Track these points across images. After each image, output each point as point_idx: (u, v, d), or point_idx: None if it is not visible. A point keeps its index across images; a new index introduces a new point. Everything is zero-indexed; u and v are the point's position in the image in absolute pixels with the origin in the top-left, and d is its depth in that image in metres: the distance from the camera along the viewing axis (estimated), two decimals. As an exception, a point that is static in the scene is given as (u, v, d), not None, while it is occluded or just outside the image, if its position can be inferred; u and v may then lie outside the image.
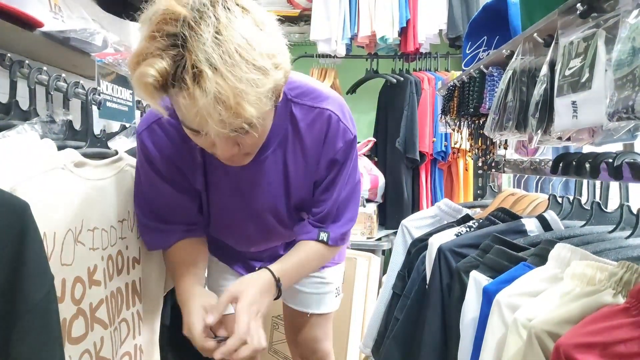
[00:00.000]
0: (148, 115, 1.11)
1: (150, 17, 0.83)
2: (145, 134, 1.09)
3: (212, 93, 0.79)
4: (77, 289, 0.99)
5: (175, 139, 1.09)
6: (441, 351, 1.09)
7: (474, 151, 1.60)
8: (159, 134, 1.08)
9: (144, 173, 1.14)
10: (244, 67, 0.80)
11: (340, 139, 1.12)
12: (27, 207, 0.72)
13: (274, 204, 1.19)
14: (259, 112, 0.84)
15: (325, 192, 1.17)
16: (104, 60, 1.31)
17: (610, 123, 0.62)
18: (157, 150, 1.09)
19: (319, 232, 1.17)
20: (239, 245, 1.37)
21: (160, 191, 1.15)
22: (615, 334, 0.58)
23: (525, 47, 0.98)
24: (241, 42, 0.81)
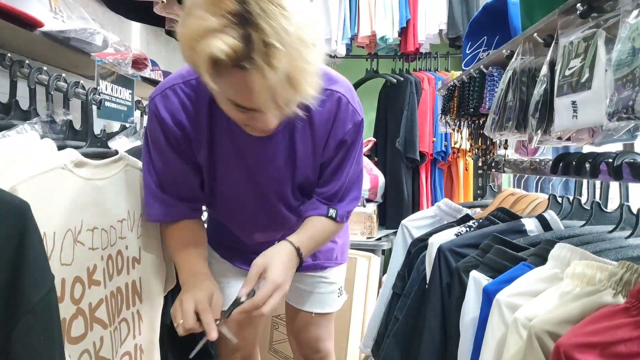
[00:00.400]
0: (162, 83, 1.12)
1: None
2: (159, 98, 1.09)
3: (284, 72, 0.80)
4: (76, 289, 0.99)
5: (187, 108, 1.10)
6: (441, 351, 1.09)
7: (474, 151, 1.60)
8: (172, 100, 1.09)
9: (153, 139, 1.13)
10: (310, 45, 0.82)
11: (350, 121, 1.14)
12: (28, 207, 0.72)
13: (278, 182, 1.21)
14: (315, 92, 0.87)
15: (334, 173, 1.20)
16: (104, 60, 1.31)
17: (610, 123, 0.62)
18: (169, 115, 1.09)
19: (328, 209, 1.21)
20: (242, 229, 1.36)
21: (166, 158, 1.14)
22: (616, 333, 0.58)
23: (525, 47, 0.98)
24: (304, 20, 0.82)
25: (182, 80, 1.09)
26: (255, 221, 1.31)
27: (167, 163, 1.15)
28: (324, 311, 1.51)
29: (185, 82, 1.08)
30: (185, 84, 1.08)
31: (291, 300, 1.54)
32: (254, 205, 1.25)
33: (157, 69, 1.92)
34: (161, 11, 1.82)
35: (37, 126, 1.01)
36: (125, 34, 2.04)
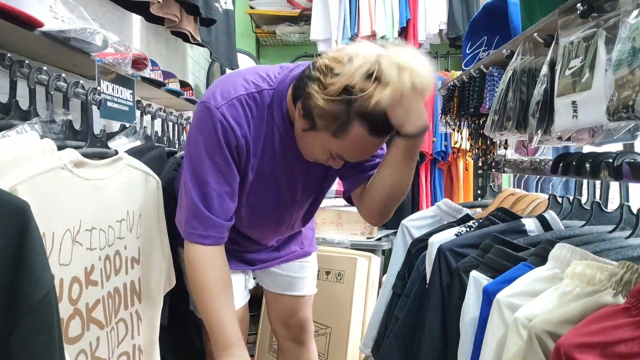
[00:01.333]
0: (223, 91, 1.14)
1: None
2: (227, 108, 1.11)
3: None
4: (74, 289, 0.99)
5: (249, 120, 1.15)
6: (441, 351, 1.08)
7: (474, 151, 1.60)
8: (239, 110, 1.13)
9: (211, 149, 1.13)
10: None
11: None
12: (28, 207, 0.72)
13: (309, 191, 1.33)
14: None
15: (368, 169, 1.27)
16: (104, 60, 1.31)
17: (611, 123, 0.62)
18: (237, 125, 1.12)
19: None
20: (250, 233, 1.40)
21: (220, 170, 1.14)
22: (616, 333, 0.58)
23: (525, 47, 0.98)
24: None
25: (245, 91, 1.14)
26: (267, 227, 1.39)
27: (220, 175, 1.15)
28: (312, 292, 1.66)
29: (248, 94, 1.14)
30: (248, 95, 1.14)
31: (281, 289, 1.62)
32: (272, 213, 1.33)
33: (157, 69, 1.92)
34: (157, 11, 1.81)
35: (37, 126, 1.01)
36: (125, 33, 2.04)
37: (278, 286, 1.62)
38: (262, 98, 1.14)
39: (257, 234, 1.42)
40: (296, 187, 1.29)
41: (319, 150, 1.10)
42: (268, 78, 1.17)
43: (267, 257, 1.52)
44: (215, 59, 2.60)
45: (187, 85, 2.43)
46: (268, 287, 1.65)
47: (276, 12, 3.31)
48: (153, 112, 1.84)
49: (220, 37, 2.52)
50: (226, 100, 1.12)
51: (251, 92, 1.14)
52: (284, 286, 1.61)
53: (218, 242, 1.20)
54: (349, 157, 1.09)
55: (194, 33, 2.11)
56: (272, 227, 1.40)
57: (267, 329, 2.41)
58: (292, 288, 1.61)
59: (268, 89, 1.15)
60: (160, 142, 1.80)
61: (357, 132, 1.02)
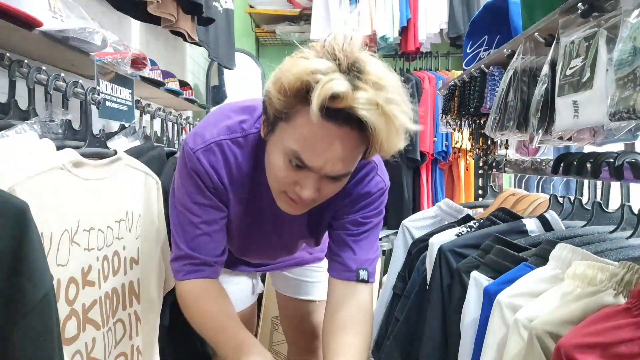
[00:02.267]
0: (204, 133, 1.07)
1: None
2: (202, 153, 1.05)
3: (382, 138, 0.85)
4: (71, 290, 0.99)
5: (230, 166, 1.07)
6: (442, 352, 1.08)
7: (474, 151, 1.59)
8: (217, 156, 1.06)
9: (188, 192, 1.09)
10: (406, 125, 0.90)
11: (374, 188, 1.13)
12: (27, 207, 0.72)
13: (303, 233, 1.24)
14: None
15: (360, 233, 1.15)
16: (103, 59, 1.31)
17: (612, 123, 0.62)
18: (213, 171, 1.06)
19: (358, 270, 1.13)
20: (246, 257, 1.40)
21: (203, 210, 1.10)
22: (617, 334, 0.58)
23: (526, 46, 0.98)
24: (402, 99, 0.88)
25: (227, 135, 1.05)
26: (267, 254, 1.36)
27: (207, 213, 1.10)
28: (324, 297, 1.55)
29: (232, 139, 1.05)
30: (232, 140, 1.05)
31: (291, 292, 1.58)
32: (272, 244, 1.28)
33: (156, 69, 1.92)
34: (155, 11, 1.81)
35: (36, 126, 1.01)
36: (124, 33, 2.03)
37: (288, 289, 1.59)
38: (247, 142, 1.06)
39: (252, 259, 1.41)
40: (293, 230, 1.22)
41: (279, 158, 0.94)
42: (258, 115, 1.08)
43: (274, 262, 1.50)
44: (214, 59, 2.59)
45: (186, 84, 2.43)
46: (279, 289, 1.63)
47: (276, 12, 3.31)
48: (152, 111, 1.83)
49: (220, 36, 2.52)
50: (204, 144, 1.05)
51: (234, 137, 1.05)
52: (295, 289, 1.57)
53: (210, 276, 1.14)
54: (305, 152, 0.90)
55: (191, 33, 2.11)
56: (262, 256, 1.38)
57: (267, 328, 2.41)
58: (302, 292, 1.57)
59: (255, 133, 1.06)
60: (160, 142, 1.80)
61: (303, 109, 0.87)
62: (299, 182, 0.94)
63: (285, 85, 0.85)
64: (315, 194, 0.95)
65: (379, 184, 1.12)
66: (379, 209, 1.15)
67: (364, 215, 1.13)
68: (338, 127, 0.85)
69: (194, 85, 2.95)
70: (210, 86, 3.26)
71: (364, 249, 1.14)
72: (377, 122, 0.83)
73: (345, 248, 1.14)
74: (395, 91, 0.85)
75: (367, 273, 1.13)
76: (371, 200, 1.13)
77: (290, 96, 0.86)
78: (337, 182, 0.95)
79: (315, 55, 0.86)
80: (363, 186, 1.11)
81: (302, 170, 0.91)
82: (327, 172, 0.91)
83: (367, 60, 0.85)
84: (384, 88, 0.83)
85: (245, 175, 1.08)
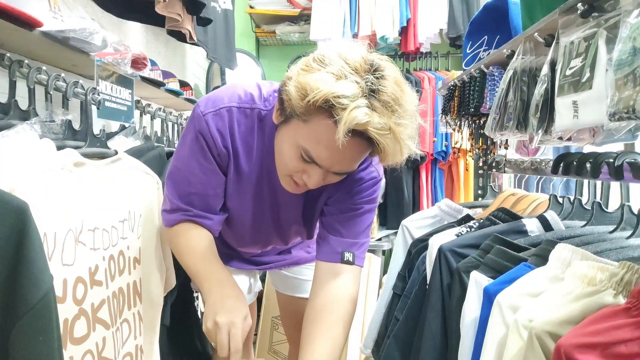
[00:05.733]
0: (216, 99, 1.12)
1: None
2: (212, 116, 1.10)
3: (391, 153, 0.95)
4: (78, 289, 0.99)
5: (235, 134, 1.12)
6: (441, 352, 1.08)
7: (474, 151, 1.60)
8: (225, 121, 1.10)
9: (191, 152, 1.13)
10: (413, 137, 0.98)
11: (367, 177, 1.18)
12: (27, 207, 0.72)
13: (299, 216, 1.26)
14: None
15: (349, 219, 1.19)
16: (103, 59, 1.31)
17: (611, 123, 0.62)
18: (219, 135, 1.10)
19: (342, 253, 1.17)
20: (242, 242, 1.39)
21: (204, 170, 1.13)
22: (616, 334, 0.58)
23: (525, 46, 0.98)
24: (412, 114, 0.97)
25: (237, 103, 1.11)
26: (261, 239, 1.35)
27: (203, 177, 1.14)
28: None
29: (240, 107, 1.10)
30: (239, 109, 1.10)
31: (291, 291, 1.59)
32: (266, 225, 1.28)
33: (156, 69, 1.92)
34: (162, 10, 1.81)
35: (36, 126, 1.01)
36: (124, 33, 2.04)
37: (287, 287, 1.60)
38: (253, 115, 1.11)
39: (243, 246, 1.40)
40: (277, 207, 1.24)
41: (290, 149, 0.99)
42: (269, 96, 1.13)
43: (270, 259, 1.50)
44: (213, 59, 2.59)
45: (186, 85, 2.43)
46: (279, 288, 1.64)
47: (276, 12, 3.31)
48: (152, 112, 1.84)
49: (219, 37, 2.51)
50: (215, 108, 1.10)
51: (243, 107, 1.11)
52: (294, 288, 1.58)
53: (203, 224, 1.17)
54: (318, 154, 0.97)
55: (192, 33, 2.11)
56: (256, 241, 1.37)
57: (267, 328, 2.41)
58: (301, 290, 1.57)
59: (263, 109, 1.11)
60: (160, 142, 1.80)
61: (322, 118, 0.93)
62: (307, 172, 1.01)
63: (309, 99, 0.91)
64: (321, 182, 1.03)
65: (372, 173, 1.18)
66: (371, 197, 1.19)
67: (355, 201, 1.17)
68: (351, 138, 0.91)
69: (194, 86, 2.95)
70: (212, 87, 3.26)
71: (352, 232, 1.18)
72: (387, 145, 0.92)
73: (333, 231, 1.18)
74: (406, 113, 0.93)
75: (352, 255, 1.17)
76: (363, 187, 1.17)
77: (312, 106, 0.92)
78: (341, 176, 1.04)
79: (343, 71, 0.91)
80: (356, 173, 1.16)
81: (311, 163, 0.99)
82: (335, 170, 1.00)
83: (385, 73, 0.92)
84: (397, 111, 0.92)
85: (247, 146, 1.13)
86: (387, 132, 0.90)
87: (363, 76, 0.90)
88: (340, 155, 0.95)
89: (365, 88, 0.90)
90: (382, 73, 0.91)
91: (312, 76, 0.91)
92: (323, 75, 0.91)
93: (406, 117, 0.93)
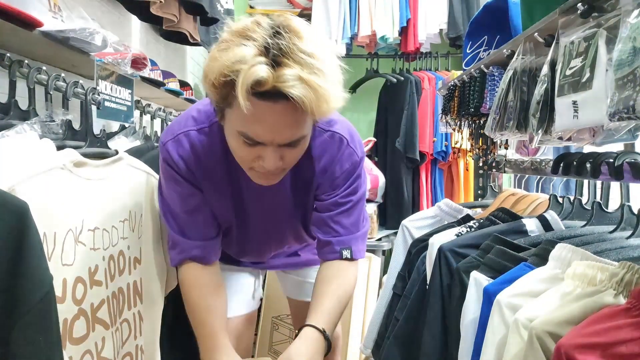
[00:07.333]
0: (173, 126, 1.15)
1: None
2: (171, 144, 1.12)
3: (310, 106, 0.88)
4: (78, 289, 0.99)
5: (199, 155, 1.13)
6: (441, 352, 1.08)
7: (474, 151, 1.60)
8: (185, 145, 1.12)
9: (168, 181, 1.16)
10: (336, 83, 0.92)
11: (347, 161, 1.17)
12: (27, 207, 0.72)
13: (290, 222, 1.27)
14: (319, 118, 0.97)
15: (340, 213, 1.20)
16: (103, 60, 1.31)
17: (611, 123, 0.62)
18: (182, 160, 1.12)
19: (340, 250, 1.20)
20: (241, 256, 1.41)
21: (184, 195, 1.16)
22: (617, 334, 0.58)
23: (525, 46, 0.98)
24: (329, 61, 0.92)
25: (195, 126, 1.12)
26: (260, 248, 1.37)
27: (185, 200, 1.16)
28: None
29: (199, 129, 1.12)
30: (198, 130, 1.12)
31: (302, 295, 1.57)
32: (259, 234, 1.30)
33: (156, 69, 1.92)
34: (157, 11, 1.81)
35: (36, 126, 1.01)
36: (124, 33, 2.03)
37: (299, 292, 1.58)
38: (212, 131, 1.12)
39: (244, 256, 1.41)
40: (278, 219, 1.26)
41: (235, 140, 0.98)
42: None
43: (279, 262, 1.49)
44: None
45: (186, 85, 2.43)
46: (290, 294, 1.62)
47: (276, 12, 3.30)
48: (152, 112, 1.84)
49: (222, 36, 2.51)
50: (173, 135, 1.12)
51: (200, 127, 1.12)
52: (305, 292, 1.55)
53: (202, 255, 1.19)
54: (252, 131, 0.95)
55: (193, 33, 2.11)
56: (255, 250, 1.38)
57: (267, 328, 2.41)
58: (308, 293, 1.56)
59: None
60: (160, 142, 1.80)
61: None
62: (260, 155, 0.98)
63: (213, 81, 0.90)
64: (279, 162, 0.99)
65: (352, 156, 1.17)
66: (355, 184, 1.19)
67: (343, 195, 1.18)
68: (273, 103, 0.89)
69: (194, 86, 2.95)
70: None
71: (347, 228, 1.20)
72: (304, 97, 0.86)
73: (328, 230, 1.20)
74: (319, 61, 0.88)
75: (350, 251, 1.20)
76: (347, 173, 1.17)
77: (220, 88, 0.90)
78: (296, 147, 1.00)
79: (235, 43, 0.88)
80: (337, 161, 1.16)
81: (257, 145, 0.96)
82: (279, 142, 0.96)
83: (287, 27, 0.89)
84: (306, 61, 0.87)
85: (217, 161, 1.13)
86: (298, 83, 0.86)
87: (259, 39, 0.87)
88: (275, 125, 0.93)
89: (262, 48, 0.86)
90: (284, 29, 0.88)
91: (210, 62, 0.91)
92: (216, 54, 0.90)
93: (320, 64, 0.88)
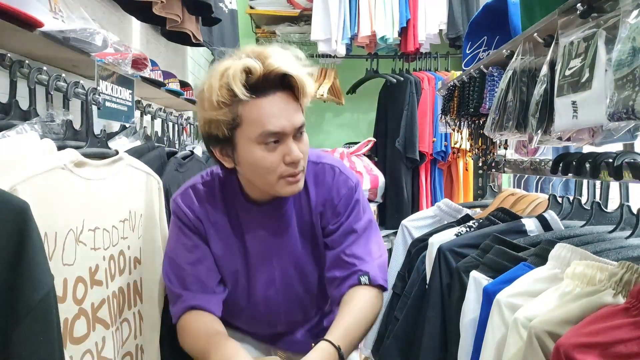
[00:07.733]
0: (183, 185, 1.25)
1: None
2: (180, 197, 1.22)
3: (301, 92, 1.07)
4: (78, 289, 0.99)
5: (204, 203, 1.21)
6: (441, 351, 1.08)
7: (474, 151, 1.60)
8: (191, 196, 1.21)
9: (174, 236, 1.22)
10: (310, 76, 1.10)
11: (343, 187, 1.21)
12: (27, 207, 0.72)
13: (300, 267, 1.24)
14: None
15: (345, 235, 1.20)
16: (103, 60, 1.31)
17: (611, 123, 0.62)
18: (189, 209, 1.20)
19: (358, 277, 1.16)
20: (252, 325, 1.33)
21: (191, 247, 1.20)
22: (616, 334, 0.58)
23: (525, 47, 0.98)
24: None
25: (201, 179, 1.23)
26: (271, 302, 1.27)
27: (190, 251, 1.20)
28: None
29: (204, 182, 1.22)
30: (203, 183, 1.22)
31: None
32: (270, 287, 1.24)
33: (156, 69, 1.92)
34: (160, 11, 1.81)
35: (37, 126, 1.01)
36: (125, 33, 2.04)
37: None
38: (214, 180, 1.22)
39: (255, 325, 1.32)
40: (288, 262, 1.22)
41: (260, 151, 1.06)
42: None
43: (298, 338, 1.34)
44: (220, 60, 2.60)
45: (187, 85, 2.43)
46: None
47: (276, 12, 3.31)
48: (153, 112, 1.84)
49: (226, 37, 2.52)
50: (181, 190, 1.23)
51: (205, 180, 1.22)
52: None
53: (205, 309, 1.17)
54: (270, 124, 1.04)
55: (196, 33, 2.11)
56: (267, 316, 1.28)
57: None
58: None
59: (220, 173, 1.21)
60: (160, 142, 1.80)
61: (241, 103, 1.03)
62: (285, 152, 1.06)
63: (215, 102, 1.01)
64: (300, 153, 1.07)
65: (347, 181, 1.22)
66: (357, 209, 1.21)
67: (348, 222, 1.19)
68: (273, 95, 1.04)
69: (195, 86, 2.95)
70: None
71: (361, 258, 1.17)
72: (294, 70, 1.04)
73: (343, 264, 1.18)
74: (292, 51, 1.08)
75: (367, 277, 1.16)
76: (345, 198, 1.20)
77: (227, 103, 1.02)
78: (302, 137, 1.10)
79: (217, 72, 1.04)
80: (333, 188, 1.20)
81: (279, 143, 1.06)
82: (294, 126, 1.06)
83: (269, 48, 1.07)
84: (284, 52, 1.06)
85: (220, 210, 1.20)
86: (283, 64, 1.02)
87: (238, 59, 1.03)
88: (284, 111, 1.05)
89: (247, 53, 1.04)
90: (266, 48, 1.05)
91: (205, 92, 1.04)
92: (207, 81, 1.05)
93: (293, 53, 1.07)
